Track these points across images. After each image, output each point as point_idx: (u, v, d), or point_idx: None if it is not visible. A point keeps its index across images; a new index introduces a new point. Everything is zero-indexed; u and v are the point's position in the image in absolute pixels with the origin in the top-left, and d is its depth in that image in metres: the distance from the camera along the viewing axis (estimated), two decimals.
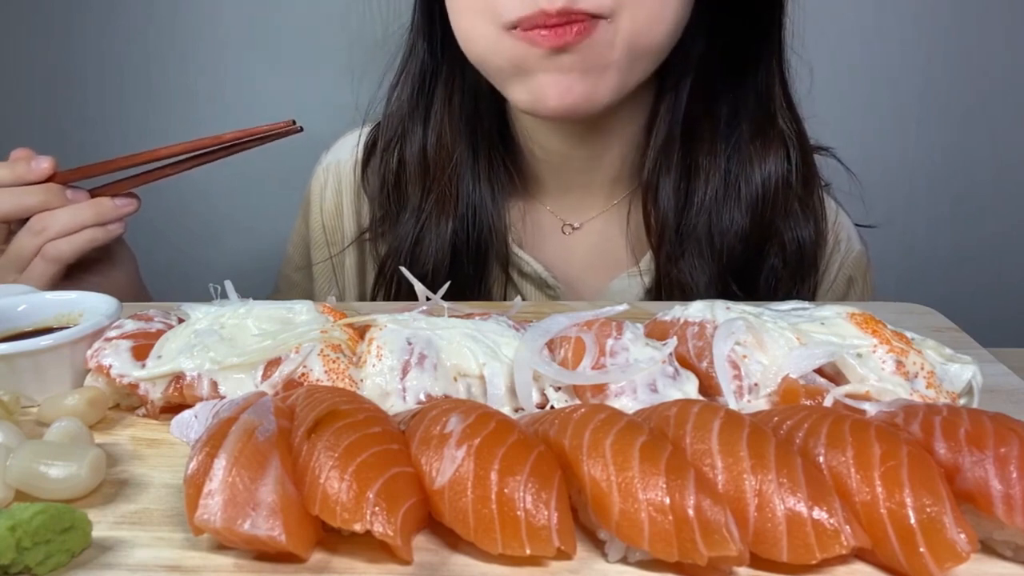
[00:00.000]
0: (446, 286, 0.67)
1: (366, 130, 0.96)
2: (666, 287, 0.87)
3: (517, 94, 0.77)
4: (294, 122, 0.79)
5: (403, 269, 0.71)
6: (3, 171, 0.75)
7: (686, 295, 0.85)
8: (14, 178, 0.75)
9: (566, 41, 0.71)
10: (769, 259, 0.86)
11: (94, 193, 0.79)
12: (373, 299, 0.94)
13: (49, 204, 0.76)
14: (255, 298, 0.63)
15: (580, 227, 0.93)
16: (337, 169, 0.97)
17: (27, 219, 0.76)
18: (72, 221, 0.76)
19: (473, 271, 0.89)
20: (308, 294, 1.00)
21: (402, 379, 0.54)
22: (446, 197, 0.88)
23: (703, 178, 0.85)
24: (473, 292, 0.89)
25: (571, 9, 0.70)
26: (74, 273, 0.80)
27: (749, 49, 0.84)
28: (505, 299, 0.90)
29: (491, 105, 0.88)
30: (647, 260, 0.89)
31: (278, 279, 1.06)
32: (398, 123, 0.91)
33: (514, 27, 0.72)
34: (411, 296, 0.67)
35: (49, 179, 0.76)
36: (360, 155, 0.95)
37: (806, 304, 0.62)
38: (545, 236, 0.93)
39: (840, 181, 0.94)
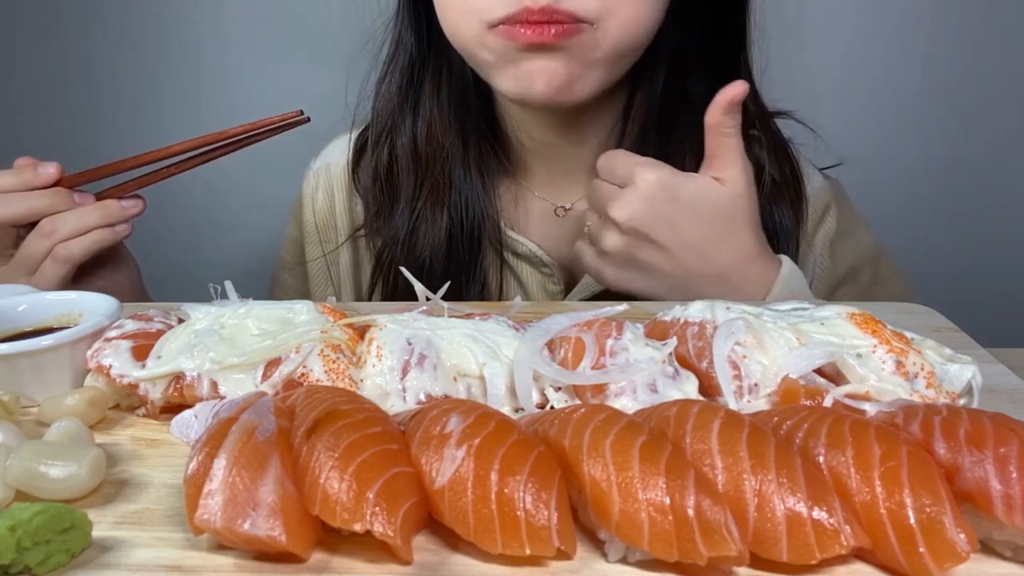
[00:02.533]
0: (446, 286, 0.67)
1: (355, 133, 0.97)
2: None
3: (504, 83, 0.79)
4: (301, 112, 0.79)
5: (403, 270, 0.71)
6: (11, 177, 0.77)
7: None
8: (22, 183, 0.77)
9: (544, 40, 0.72)
10: None
11: (100, 196, 0.80)
12: (370, 293, 0.95)
13: (57, 207, 0.78)
14: (255, 298, 0.63)
15: (571, 208, 0.95)
16: (327, 172, 0.99)
17: (35, 224, 0.78)
18: (80, 222, 0.78)
19: (468, 257, 0.90)
20: (303, 296, 1.00)
21: (402, 379, 0.54)
22: (439, 187, 0.89)
23: (679, 165, 0.86)
24: (469, 278, 0.90)
25: (554, 8, 0.71)
26: (80, 277, 0.81)
27: (716, 44, 0.87)
28: (501, 282, 0.92)
29: (479, 94, 0.90)
30: None
31: (272, 285, 1.07)
32: (387, 116, 0.92)
33: (499, 24, 0.74)
34: (408, 292, 0.67)
35: (56, 183, 0.78)
36: (351, 155, 0.96)
37: (806, 304, 0.62)
38: (536, 219, 0.95)
39: (829, 164, 0.97)
